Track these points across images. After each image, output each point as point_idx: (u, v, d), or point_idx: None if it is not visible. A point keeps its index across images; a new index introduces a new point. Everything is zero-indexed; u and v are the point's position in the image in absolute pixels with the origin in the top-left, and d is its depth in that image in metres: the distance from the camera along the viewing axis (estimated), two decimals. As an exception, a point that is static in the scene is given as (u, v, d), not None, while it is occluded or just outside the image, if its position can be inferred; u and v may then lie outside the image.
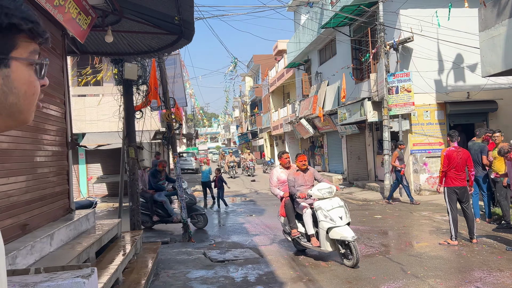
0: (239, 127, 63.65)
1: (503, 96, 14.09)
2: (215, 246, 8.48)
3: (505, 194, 8.61)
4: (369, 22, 15.19)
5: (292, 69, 28.89)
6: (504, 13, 9.43)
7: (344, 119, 17.66)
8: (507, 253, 6.83)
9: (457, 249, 7.25)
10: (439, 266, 6.32)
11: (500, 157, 8.56)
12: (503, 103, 14.13)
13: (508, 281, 5.52)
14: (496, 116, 14.33)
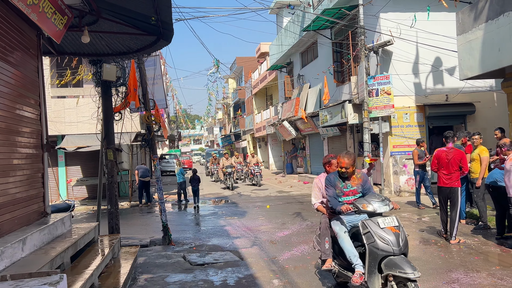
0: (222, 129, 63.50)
1: (481, 99, 14.34)
2: (195, 249, 8.41)
3: (482, 196, 8.74)
4: (350, 25, 15.31)
5: (275, 72, 28.95)
6: (480, 17, 9.59)
7: (326, 121, 17.74)
8: (484, 254, 6.93)
9: (435, 250, 7.32)
10: (418, 267, 6.35)
11: (477, 159, 8.71)
12: (481, 106, 14.37)
13: (485, 281, 5.59)
14: (474, 119, 14.58)
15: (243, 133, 42.82)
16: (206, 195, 18.49)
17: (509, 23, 8.69)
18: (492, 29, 9.23)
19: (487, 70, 9.63)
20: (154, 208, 15.36)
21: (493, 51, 9.24)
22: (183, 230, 10.69)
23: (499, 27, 9.00)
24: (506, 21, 8.76)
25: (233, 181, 20.80)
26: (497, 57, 9.16)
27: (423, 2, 12.99)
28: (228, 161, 21.91)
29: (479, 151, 8.70)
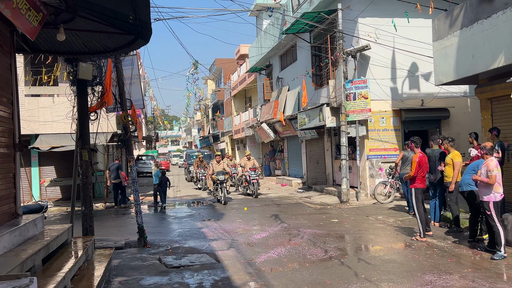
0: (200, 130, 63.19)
1: (455, 104, 14.67)
2: (171, 251, 8.32)
3: (455, 199, 8.93)
4: (329, 29, 15.45)
5: (254, 74, 28.99)
6: (456, 24, 9.81)
7: (304, 124, 17.86)
8: (457, 257, 7.07)
9: (409, 253, 7.44)
10: (392, 269, 6.45)
11: (450, 164, 8.89)
12: (455, 111, 14.70)
13: (457, 284, 5.70)
14: (448, 124, 14.89)
15: (222, 135, 42.70)
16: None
17: (482, 30, 8.91)
18: (466, 36, 9.45)
19: (461, 76, 9.85)
20: (130, 209, 15.15)
21: (467, 58, 9.46)
22: (159, 232, 10.57)
23: (473, 35, 9.22)
24: (480, 28, 8.98)
25: (226, 192, 15.53)
26: (471, 64, 9.38)
27: (400, 8, 13.22)
28: (220, 166, 16.34)
29: (452, 156, 8.88)
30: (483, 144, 7.29)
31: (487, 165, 6.98)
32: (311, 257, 7.34)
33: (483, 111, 10.19)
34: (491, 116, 9.92)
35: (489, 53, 8.76)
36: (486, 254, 7.13)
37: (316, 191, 17.59)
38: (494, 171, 6.86)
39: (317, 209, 13.16)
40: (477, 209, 7.80)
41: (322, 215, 12.02)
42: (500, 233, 6.88)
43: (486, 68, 8.93)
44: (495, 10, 8.55)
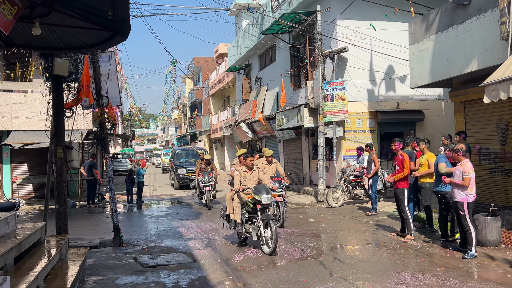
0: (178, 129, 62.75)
1: (430, 107, 14.98)
2: (147, 250, 8.24)
3: (429, 200, 9.12)
4: (308, 31, 15.57)
5: (233, 73, 28.96)
6: (431, 28, 10.02)
7: (282, 124, 17.94)
8: (429, 256, 7.23)
9: (384, 252, 7.56)
10: (367, 268, 6.55)
11: (425, 164, 9.07)
12: (429, 114, 15.02)
13: (430, 282, 5.83)
14: (423, 126, 15.21)
15: (200, 134, 42.51)
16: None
17: (457, 35, 9.13)
18: (441, 41, 9.66)
19: (436, 80, 10.07)
20: (105, 208, 14.93)
21: (442, 62, 9.68)
22: (135, 231, 10.46)
23: (448, 39, 9.44)
24: (455, 33, 9.20)
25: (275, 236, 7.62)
26: (446, 67, 9.60)
27: (378, 11, 13.43)
28: (254, 175, 9.36)
29: (428, 157, 9.06)
30: (459, 146, 7.46)
31: (462, 166, 7.16)
32: (288, 256, 7.39)
33: (457, 114, 10.43)
34: (464, 119, 10.17)
35: (463, 57, 8.98)
36: (458, 253, 7.31)
37: (294, 191, 17.69)
38: (469, 173, 7.04)
39: (294, 209, 13.24)
40: (447, 210, 8.00)
41: (299, 214, 12.11)
42: (471, 233, 7.07)
43: (460, 72, 9.15)
44: (469, 16, 8.78)
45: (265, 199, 7.62)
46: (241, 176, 8.40)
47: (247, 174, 8.40)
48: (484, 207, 8.39)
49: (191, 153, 23.96)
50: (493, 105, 8.41)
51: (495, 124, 9.28)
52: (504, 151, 9.07)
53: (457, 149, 7.38)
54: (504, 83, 6.92)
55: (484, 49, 8.41)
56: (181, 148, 26.88)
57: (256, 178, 8.61)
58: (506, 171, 8.99)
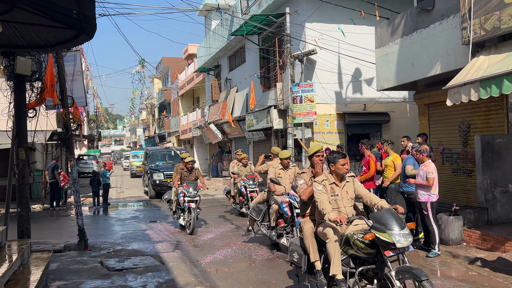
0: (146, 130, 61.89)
1: (395, 109, 15.34)
2: (113, 254, 8.07)
3: (394, 200, 9.32)
4: (277, 33, 15.66)
5: (202, 74, 28.81)
6: (397, 32, 10.26)
7: (252, 125, 17.98)
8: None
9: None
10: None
11: (391, 165, 9.27)
12: (395, 116, 15.38)
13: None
14: (389, 127, 15.55)
15: (168, 135, 42.05)
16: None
17: (421, 39, 9.39)
18: (406, 44, 9.91)
19: (401, 82, 10.32)
20: (70, 211, 14.55)
21: (407, 65, 9.93)
22: (101, 234, 10.23)
23: (412, 43, 9.69)
24: (419, 37, 9.46)
25: None
26: (410, 71, 9.85)
27: (345, 15, 13.64)
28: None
29: (393, 158, 9.26)
30: (423, 147, 7.66)
31: (426, 167, 7.35)
32: (257, 257, 7.40)
33: (421, 116, 10.72)
34: (428, 121, 10.46)
35: (427, 61, 9.24)
36: (422, 252, 7.50)
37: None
38: (433, 173, 7.25)
39: (263, 210, 13.27)
40: (414, 210, 8.21)
41: (268, 215, 12.14)
42: (435, 233, 7.27)
43: (424, 75, 9.41)
44: (432, 20, 9.04)
45: (400, 238, 4.08)
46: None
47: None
48: (447, 206, 8.65)
49: (169, 155, 20.45)
50: (455, 108, 8.70)
51: (457, 126, 9.59)
52: (465, 152, 9.39)
53: (421, 150, 7.58)
54: (466, 87, 7.16)
55: (447, 53, 8.68)
56: (157, 149, 22.56)
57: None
58: (468, 171, 9.31)
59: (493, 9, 7.20)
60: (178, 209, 10.22)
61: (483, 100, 7.56)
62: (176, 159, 18.80)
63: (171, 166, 17.35)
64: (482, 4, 7.42)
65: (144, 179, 20.05)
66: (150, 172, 17.97)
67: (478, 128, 9.05)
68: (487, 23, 7.33)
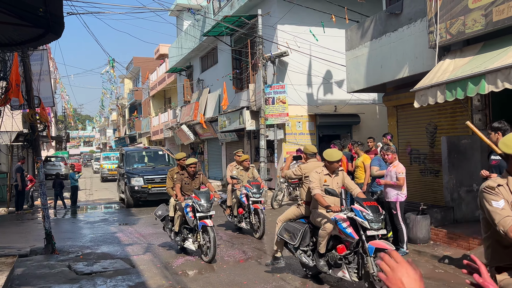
0: (116, 131, 60.85)
1: (365, 111, 15.61)
2: (82, 257, 7.90)
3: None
4: (249, 34, 15.69)
5: (174, 74, 28.55)
6: (366, 35, 10.45)
7: (224, 126, 17.94)
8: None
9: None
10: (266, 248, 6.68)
11: (361, 166, 9.43)
12: (365, 117, 15.65)
13: (364, 279, 6.04)
14: (359, 129, 15.81)
15: (139, 136, 41.47)
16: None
17: (389, 43, 9.59)
18: (376, 47, 10.10)
19: (371, 85, 10.51)
20: (37, 214, 14.16)
21: (376, 68, 10.12)
22: (70, 237, 10.00)
23: (381, 46, 9.89)
24: (388, 40, 9.66)
25: None
26: (379, 73, 10.04)
27: (316, 18, 13.79)
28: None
29: (363, 159, 9.42)
30: (391, 148, 7.82)
31: (395, 167, 7.50)
32: (229, 259, 7.38)
33: (390, 117, 10.95)
34: (396, 123, 10.69)
35: (395, 64, 9.45)
36: (390, 250, 7.64)
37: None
38: (403, 173, 7.41)
39: (236, 211, 13.26)
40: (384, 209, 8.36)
41: (240, 217, 12.13)
42: (403, 231, 7.43)
43: (393, 78, 9.62)
44: (401, 24, 9.25)
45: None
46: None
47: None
48: (415, 206, 8.86)
49: (150, 156, 17.46)
50: (423, 110, 8.92)
51: (424, 127, 9.84)
52: (432, 152, 9.64)
53: (392, 150, 7.75)
54: (432, 89, 7.36)
55: (414, 57, 8.90)
56: (135, 149, 19.23)
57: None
58: (435, 171, 9.56)
59: (458, 14, 7.43)
60: (184, 229, 7.81)
61: (449, 102, 7.78)
62: (158, 161, 16.82)
63: (152, 170, 15.65)
64: (447, 9, 7.64)
65: (120, 185, 16.94)
66: (127, 176, 15.21)
67: (445, 129, 9.31)
68: (453, 27, 7.55)
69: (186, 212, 7.52)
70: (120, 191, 16.79)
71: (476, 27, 7.08)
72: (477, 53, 7.33)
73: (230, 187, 10.00)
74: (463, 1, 7.30)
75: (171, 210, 8.10)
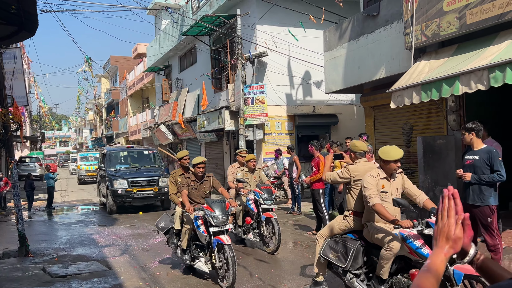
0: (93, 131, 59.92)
1: (343, 111, 15.77)
2: (57, 260, 7.75)
3: (342, 199, 9.58)
4: (228, 34, 15.66)
5: (152, 74, 28.28)
6: (344, 36, 10.56)
7: (203, 126, 17.86)
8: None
9: (301, 251, 7.80)
10: (284, 268, 6.71)
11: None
12: (343, 118, 15.81)
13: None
14: (337, 129, 15.96)
15: (116, 136, 40.92)
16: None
17: (367, 44, 9.71)
18: (353, 49, 10.21)
19: (348, 85, 10.62)
20: (10, 216, 13.82)
21: (354, 69, 10.23)
22: (44, 240, 9.79)
23: (359, 47, 10.00)
24: (365, 42, 9.78)
25: None
26: (357, 74, 10.16)
27: (295, 18, 13.86)
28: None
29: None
30: (369, 148, 7.93)
31: None
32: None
33: (367, 118, 11.08)
34: (373, 123, 10.83)
35: (372, 65, 9.57)
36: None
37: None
38: None
39: (214, 212, 13.20)
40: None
41: (219, 217, 12.08)
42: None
43: (370, 79, 9.74)
44: (377, 26, 9.38)
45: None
46: None
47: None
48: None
49: (133, 156, 15.75)
50: (399, 110, 9.06)
51: (401, 127, 10.00)
52: (408, 152, 9.79)
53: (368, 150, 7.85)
54: (408, 90, 7.48)
55: (391, 58, 9.03)
56: (117, 149, 16.89)
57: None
58: (411, 171, 9.71)
59: (433, 17, 7.57)
60: (194, 246, 6.42)
61: (425, 103, 7.93)
62: (143, 161, 15.26)
63: (137, 171, 14.18)
64: (423, 12, 7.78)
65: (100, 188, 15.30)
66: (110, 179, 13.56)
67: (420, 129, 9.47)
68: (428, 29, 7.69)
69: (196, 225, 6.10)
70: (101, 195, 15.33)
71: (450, 29, 7.23)
72: (452, 55, 7.48)
73: (233, 191, 8.59)
74: (438, 3, 7.44)
75: (177, 222, 6.63)
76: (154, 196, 13.60)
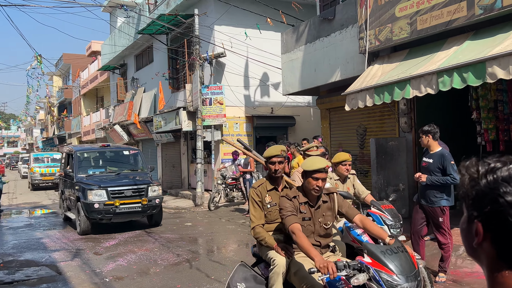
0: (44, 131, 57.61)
1: (300, 113, 15.98)
2: (2, 265, 7.36)
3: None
4: (186, 34, 15.49)
5: (107, 72, 27.54)
6: (301, 39, 10.70)
7: (160, 127, 17.56)
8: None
9: (257, 252, 7.81)
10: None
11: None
12: (300, 119, 16.02)
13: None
14: (294, 130, 16.15)
15: (69, 136, 39.54)
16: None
17: (323, 47, 9.88)
18: (310, 51, 10.37)
19: (305, 88, 10.78)
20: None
21: (310, 71, 10.39)
22: (-11, 245, 9.30)
23: (315, 50, 10.16)
24: (321, 45, 9.95)
25: None
26: (313, 77, 10.32)
27: (253, 20, 13.91)
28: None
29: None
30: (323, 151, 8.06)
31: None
32: (162, 262, 7.22)
33: (323, 120, 11.28)
34: (329, 125, 11.04)
35: (328, 68, 9.75)
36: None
37: (171, 195, 17.40)
38: None
39: (171, 214, 13.03)
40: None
41: (176, 219, 11.94)
42: None
43: (326, 82, 9.93)
44: (333, 29, 9.57)
45: None
46: None
47: None
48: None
49: (111, 158, 12.23)
50: (354, 112, 9.28)
51: (355, 129, 10.25)
52: (362, 154, 10.06)
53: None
54: (362, 93, 7.68)
55: (346, 61, 9.23)
56: (88, 148, 12.62)
57: None
58: (365, 172, 9.97)
59: (386, 22, 7.80)
60: None
61: (378, 106, 8.16)
62: (122, 164, 11.83)
63: (117, 177, 10.85)
64: (376, 17, 8.01)
65: (65, 199, 12.02)
66: (81, 188, 10.16)
67: (374, 131, 9.74)
68: (381, 34, 7.92)
69: None
70: (66, 208, 11.95)
71: (402, 34, 7.48)
72: (403, 60, 7.74)
73: None
74: (391, 9, 7.68)
75: (278, 283, 3.46)
76: (142, 211, 10.28)
